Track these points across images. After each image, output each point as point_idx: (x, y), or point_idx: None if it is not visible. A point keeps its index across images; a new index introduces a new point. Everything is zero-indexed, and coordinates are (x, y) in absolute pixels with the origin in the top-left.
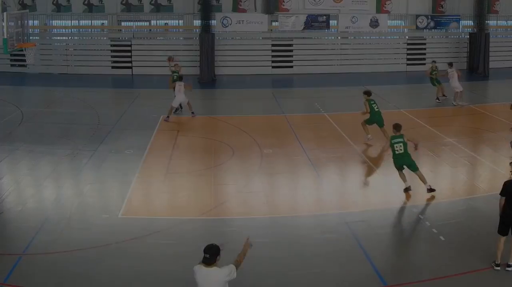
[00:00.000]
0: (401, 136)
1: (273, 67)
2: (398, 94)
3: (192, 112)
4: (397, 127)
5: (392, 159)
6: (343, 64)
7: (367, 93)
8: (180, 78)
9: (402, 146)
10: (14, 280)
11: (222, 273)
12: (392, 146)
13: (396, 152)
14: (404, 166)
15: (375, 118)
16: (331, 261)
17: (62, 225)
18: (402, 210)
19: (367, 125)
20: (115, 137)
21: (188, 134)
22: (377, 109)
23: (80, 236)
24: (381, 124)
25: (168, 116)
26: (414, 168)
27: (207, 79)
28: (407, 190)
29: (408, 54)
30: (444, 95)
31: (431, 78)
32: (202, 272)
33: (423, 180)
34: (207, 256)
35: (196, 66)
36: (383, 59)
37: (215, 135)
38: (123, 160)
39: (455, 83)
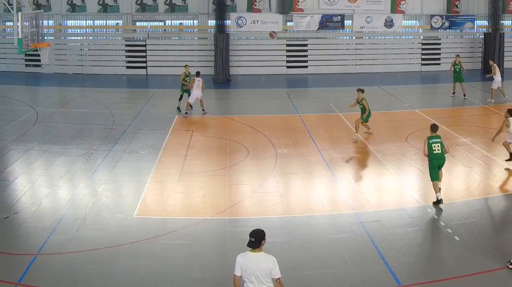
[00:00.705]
0: (439, 137)
1: (287, 67)
2: (413, 94)
3: (203, 110)
4: (434, 128)
5: (429, 161)
6: (357, 64)
7: (362, 90)
8: (198, 74)
9: (439, 146)
10: (28, 279)
11: (270, 260)
12: (430, 145)
13: (434, 152)
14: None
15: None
16: (346, 261)
17: (76, 225)
18: (416, 210)
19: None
20: (129, 137)
21: (203, 134)
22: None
23: (95, 236)
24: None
25: (186, 113)
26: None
27: (222, 79)
28: (438, 203)
29: (422, 54)
30: (454, 93)
31: (454, 71)
32: (249, 257)
33: (436, 190)
34: (253, 239)
35: (211, 66)
36: (397, 59)
37: (229, 135)
38: (138, 160)
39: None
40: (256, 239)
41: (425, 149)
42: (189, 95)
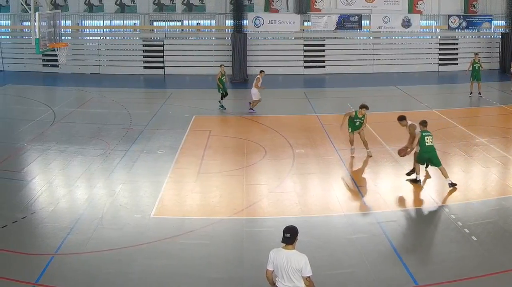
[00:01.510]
0: (430, 132)
1: (305, 67)
2: (430, 94)
3: (251, 109)
4: (424, 123)
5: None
6: (375, 64)
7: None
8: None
9: (431, 139)
10: (46, 280)
11: (302, 259)
12: (423, 138)
13: (427, 144)
14: (428, 161)
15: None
16: (363, 261)
17: (94, 225)
18: (434, 210)
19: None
20: (147, 137)
21: (220, 134)
22: None
23: (112, 236)
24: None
25: (252, 109)
26: (438, 162)
27: (239, 79)
28: (415, 181)
29: (440, 54)
30: (471, 93)
31: (473, 69)
32: (281, 254)
33: (445, 174)
34: (288, 235)
35: (228, 66)
36: (415, 59)
37: (247, 135)
38: (155, 160)
39: None
40: (291, 235)
41: (415, 142)
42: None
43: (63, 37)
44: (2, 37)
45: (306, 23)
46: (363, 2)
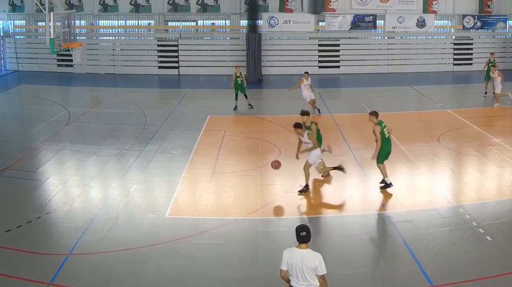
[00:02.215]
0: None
1: (319, 67)
2: (445, 94)
3: (318, 110)
4: (376, 113)
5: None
6: (389, 64)
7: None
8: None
9: (387, 130)
10: (60, 280)
11: (316, 257)
12: (382, 130)
13: (386, 136)
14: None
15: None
16: (378, 261)
17: (109, 225)
18: (448, 210)
19: None
20: (161, 137)
21: (235, 134)
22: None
23: (127, 236)
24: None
25: (318, 110)
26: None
27: (254, 79)
28: (388, 186)
29: (454, 54)
30: (486, 93)
31: (488, 69)
32: (295, 253)
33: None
34: (304, 234)
35: (243, 66)
36: (429, 59)
37: (261, 135)
38: (170, 160)
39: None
40: (307, 233)
41: (378, 135)
42: (237, 95)
43: (77, 37)
44: (17, 37)
45: (320, 23)
46: (378, 2)
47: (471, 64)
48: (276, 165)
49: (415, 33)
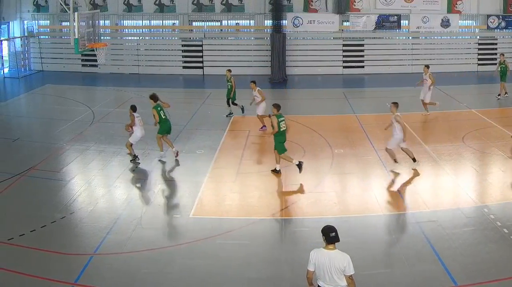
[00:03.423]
0: (283, 116)
1: (344, 67)
2: (469, 94)
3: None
4: (278, 107)
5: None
6: (414, 64)
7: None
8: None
9: (285, 124)
10: (85, 280)
11: (345, 258)
12: (279, 124)
13: (282, 129)
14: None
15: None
16: (402, 261)
17: (133, 225)
18: (473, 210)
19: None
20: (186, 137)
21: (259, 134)
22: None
23: (151, 235)
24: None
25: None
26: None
27: (278, 79)
28: (276, 171)
29: (479, 54)
30: (506, 93)
31: (504, 71)
32: (323, 254)
33: (277, 160)
34: (333, 234)
35: (267, 66)
36: (454, 59)
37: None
38: (194, 160)
39: None
40: (336, 234)
41: (275, 125)
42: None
43: (102, 37)
44: (42, 37)
45: (345, 23)
46: (402, 2)
47: (495, 64)
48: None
49: (439, 33)
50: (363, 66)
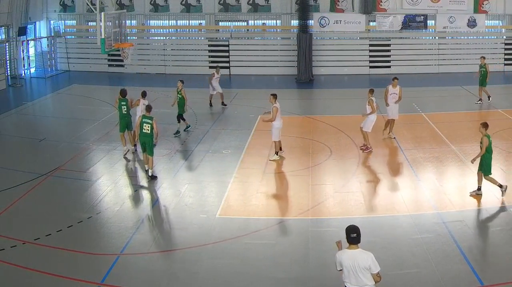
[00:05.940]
0: (151, 118)
1: (370, 67)
2: (496, 94)
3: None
4: (148, 108)
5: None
6: (441, 64)
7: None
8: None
9: (149, 126)
10: (111, 279)
11: (368, 256)
12: (141, 124)
13: (144, 131)
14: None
15: None
16: (429, 260)
17: (159, 225)
18: (499, 210)
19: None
20: (212, 137)
21: (286, 134)
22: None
23: (178, 235)
24: None
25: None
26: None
27: (304, 79)
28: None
29: (505, 54)
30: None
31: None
32: (348, 254)
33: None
34: (354, 235)
35: (293, 66)
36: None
37: (312, 135)
38: (221, 160)
39: None
40: (358, 234)
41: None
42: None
43: (128, 37)
44: (68, 37)
45: (371, 23)
46: (429, 2)
47: None
48: None
49: (466, 33)
50: (389, 66)
